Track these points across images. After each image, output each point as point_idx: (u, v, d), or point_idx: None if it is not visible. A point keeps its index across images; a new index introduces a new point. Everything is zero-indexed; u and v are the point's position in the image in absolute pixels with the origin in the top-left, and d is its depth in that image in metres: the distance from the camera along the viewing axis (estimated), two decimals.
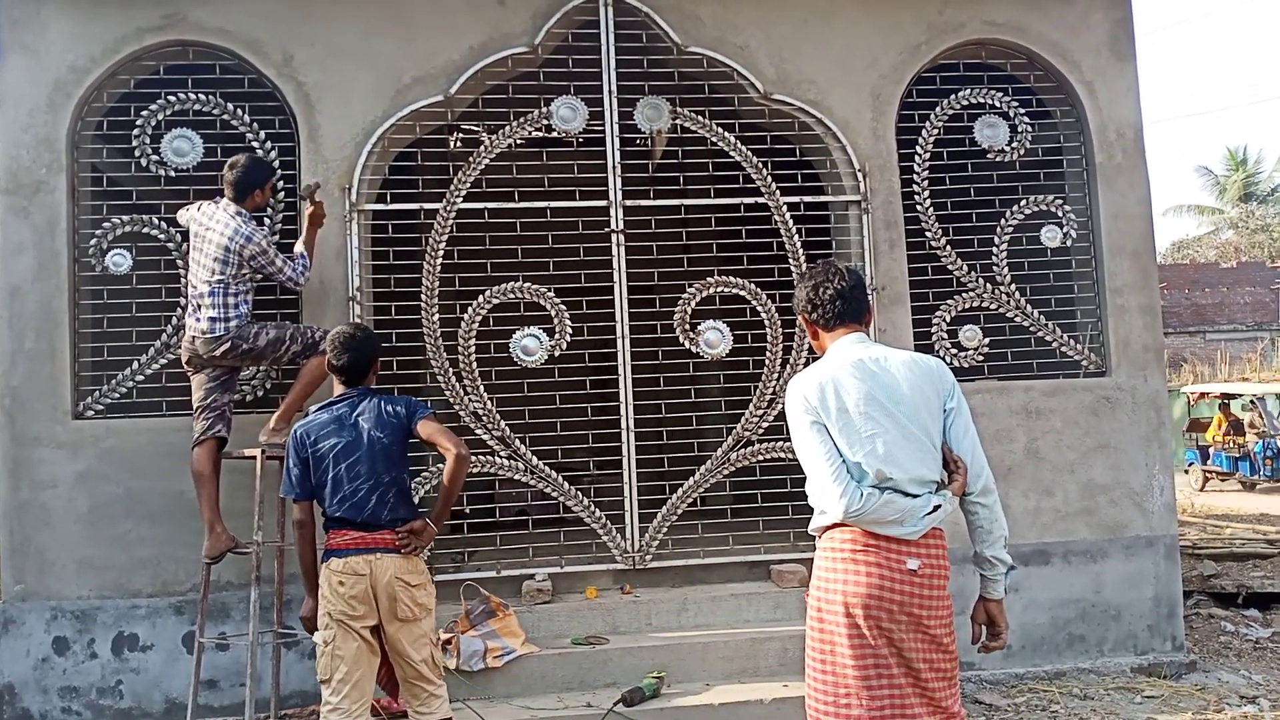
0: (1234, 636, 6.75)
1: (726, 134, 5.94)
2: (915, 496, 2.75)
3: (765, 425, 5.80)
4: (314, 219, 5.25)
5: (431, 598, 3.92)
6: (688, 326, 5.81)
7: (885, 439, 2.75)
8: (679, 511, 5.75)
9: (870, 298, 3.04)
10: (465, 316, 5.70)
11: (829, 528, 2.88)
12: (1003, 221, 6.13)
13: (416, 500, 5.51)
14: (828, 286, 2.96)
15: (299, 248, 5.21)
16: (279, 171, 5.48)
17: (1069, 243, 6.20)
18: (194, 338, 4.90)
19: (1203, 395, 20.54)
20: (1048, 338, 6.12)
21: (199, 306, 4.91)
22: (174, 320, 5.48)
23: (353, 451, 3.82)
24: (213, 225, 4.93)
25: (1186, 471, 19.27)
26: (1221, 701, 5.31)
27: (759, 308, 5.88)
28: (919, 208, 6.06)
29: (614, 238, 5.82)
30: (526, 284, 5.74)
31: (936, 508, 2.76)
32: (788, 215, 5.95)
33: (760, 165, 5.95)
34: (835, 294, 2.95)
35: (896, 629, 2.74)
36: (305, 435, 3.89)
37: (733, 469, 5.80)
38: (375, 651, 3.85)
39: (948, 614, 2.80)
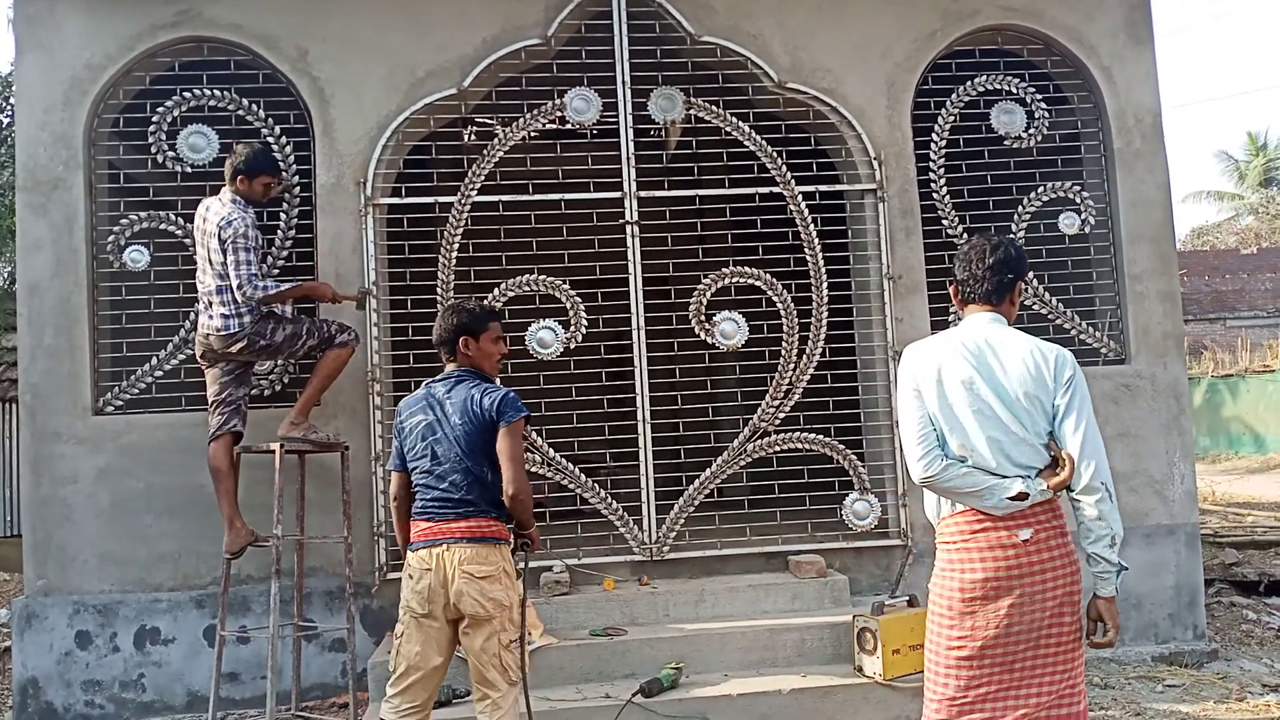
0: (1256, 625, 6.70)
1: (741, 123, 5.91)
2: (1002, 477, 2.81)
3: (782, 416, 5.79)
4: (318, 291, 5.22)
5: (508, 592, 3.65)
6: (703, 317, 5.79)
7: (974, 419, 2.84)
8: (696, 503, 5.74)
9: (1016, 282, 3.04)
10: None
11: (943, 520, 2.95)
12: (1020, 208, 6.09)
13: None
14: (968, 265, 3.04)
15: (286, 288, 5.03)
16: (269, 168, 5.14)
17: (1087, 229, 6.15)
18: (208, 334, 4.90)
19: None
20: (1066, 325, 6.08)
21: (209, 304, 4.90)
22: (192, 315, 5.50)
23: (432, 432, 3.71)
24: (209, 217, 4.94)
25: None
26: (1244, 690, 5.27)
27: (775, 298, 5.86)
28: (935, 195, 6.03)
29: (628, 229, 5.81)
30: (541, 276, 5.73)
31: (1023, 494, 2.80)
32: (803, 204, 5.92)
33: (775, 154, 5.93)
34: (970, 274, 3.03)
35: (1013, 600, 2.80)
36: (402, 407, 3.85)
37: (749, 460, 5.79)
38: (441, 659, 3.68)
39: (1068, 579, 2.85)
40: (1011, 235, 6.04)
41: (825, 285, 5.89)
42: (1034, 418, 2.85)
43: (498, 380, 3.95)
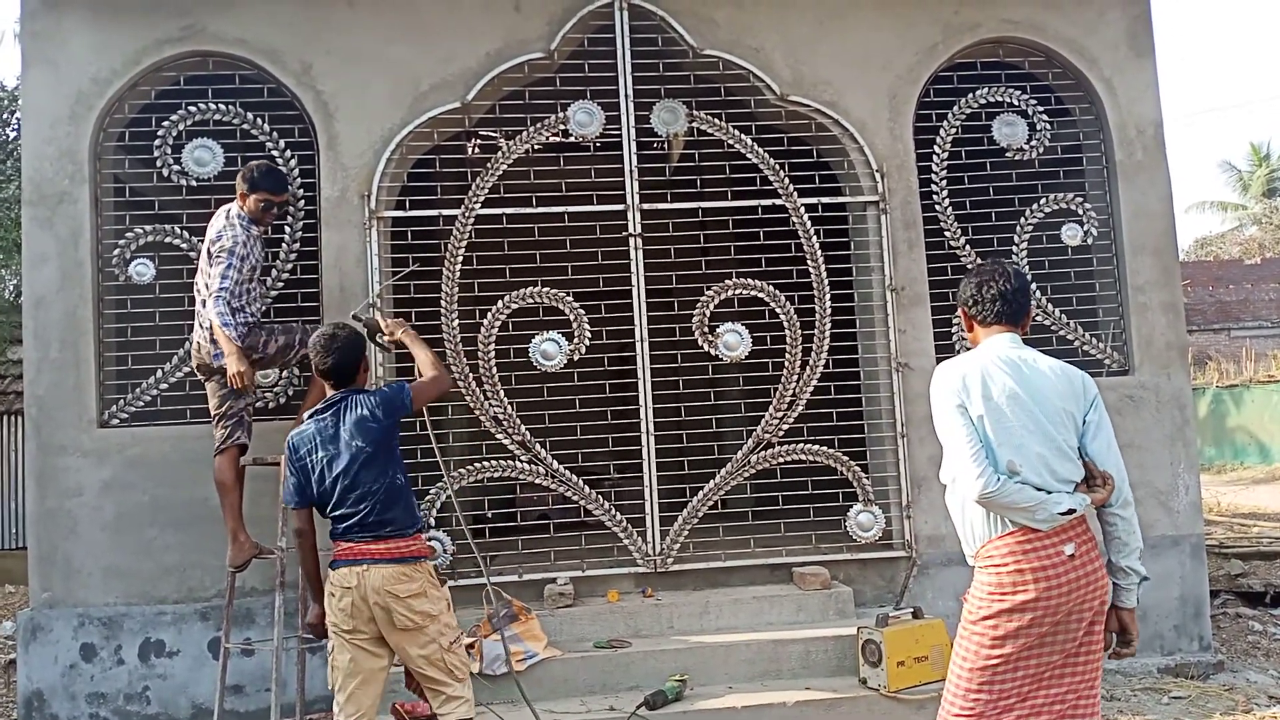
0: (1262, 636, 6.68)
1: (743, 136, 5.93)
2: (1047, 493, 2.84)
3: (786, 427, 5.79)
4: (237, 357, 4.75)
5: (436, 602, 3.76)
6: (706, 329, 5.80)
7: (1021, 433, 2.86)
8: (700, 514, 5.74)
9: (1031, 304, 3.16)
10: (485, 321, 5.72)
11: (990, 542, 2.94)
12: (1022, 220, 6.10)
13: (437, 506, 5.58)
14: (991, 286, 3.09)
15: (232, 337, 4.71)
16: (265, 184, 4.98)
17: (1090, 241, 6.16)
18: (200, 345, 4.88)
19: None
20: (1070, 336, 6.08)
21: (203, 318, 4.87)
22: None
23: (337, 465, 3.73)
24: (211, 228, 4.94)
25: None
26: (1250, 702, 5.26)
27: (777, 309, 5.87)
28: (938, 207, 6.04)
29: (632, 241, 5.82)
30: (545, 289, 5.75)
31: (1070, 510, 2.83)
32: (805, 217, 5.94)
33: (777, 167, 5.94)
34: (997, 294, 3.08)
35: (1059, 617, 2.83)
36: (295, 447, 3.83)
37: (753, 471, 5.79)
38: (380, 662, 3.77)
39: (1103, 590, 2.91)
40: (1014, 247, 6.06)
41: (828, 297, 5.89)
42: (1068, 431, 2.91)
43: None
